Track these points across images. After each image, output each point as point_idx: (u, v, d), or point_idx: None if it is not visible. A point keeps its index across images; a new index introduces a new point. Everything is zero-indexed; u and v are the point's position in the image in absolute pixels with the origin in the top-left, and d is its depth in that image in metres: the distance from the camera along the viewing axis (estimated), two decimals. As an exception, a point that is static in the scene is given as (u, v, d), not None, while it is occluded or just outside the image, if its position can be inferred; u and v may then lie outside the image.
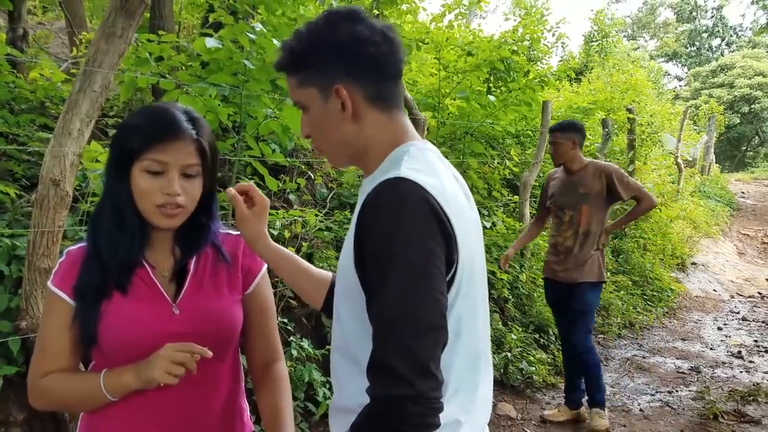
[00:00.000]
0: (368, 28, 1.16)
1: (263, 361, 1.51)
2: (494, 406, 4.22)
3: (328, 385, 3.45)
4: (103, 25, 2.30)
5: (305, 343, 3.49)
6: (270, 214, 3.70)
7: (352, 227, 1.14)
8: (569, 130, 4.10)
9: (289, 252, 1.49)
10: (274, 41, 3.04)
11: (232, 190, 1.42)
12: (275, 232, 3.64)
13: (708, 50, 39.39)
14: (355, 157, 1.25)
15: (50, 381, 1.31)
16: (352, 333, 1.17)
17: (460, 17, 7.68)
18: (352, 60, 1.16)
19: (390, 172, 1.11)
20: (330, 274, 1.50)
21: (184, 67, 3.79)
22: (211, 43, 3.07)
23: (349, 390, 1.17)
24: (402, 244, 1.03)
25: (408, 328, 1.01)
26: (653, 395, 4.98)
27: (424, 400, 0.99)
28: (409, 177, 1.08)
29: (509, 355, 4.79)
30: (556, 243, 4.20)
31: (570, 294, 4.09)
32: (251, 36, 3.03)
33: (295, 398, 3.29)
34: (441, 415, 1.03)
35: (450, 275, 1.10)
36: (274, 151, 3.62)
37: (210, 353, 1.24)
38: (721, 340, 6.77)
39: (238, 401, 1.48)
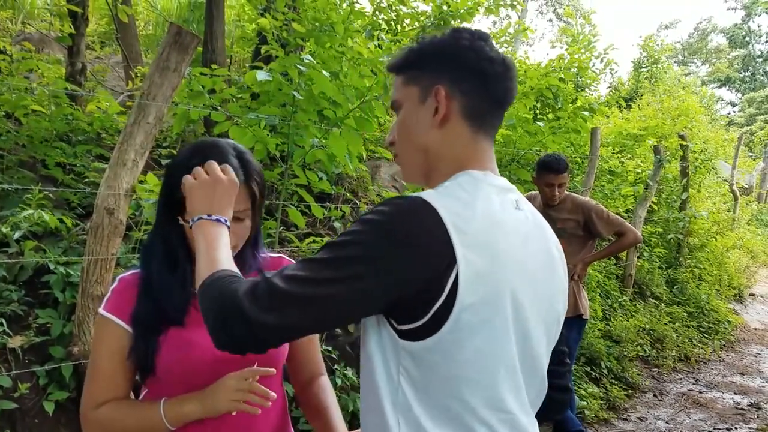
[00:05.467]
0: (491, 48, 1.16)
1: (308, 376, 1.55)
2: (543, 440, 4.09)
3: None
4: (157, 60, 2.37)
5: (349, 372, 3.47)
6: (315, 241, 3.73)
7: None
8: (568, 167, 3.79)
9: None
10: (324, 72, 3.09)
11: None
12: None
13: (763, 75, 38.22)
14: (426, 171, 1.19)
15: (107, 411, 1.30)
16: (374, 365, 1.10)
17: (505, 45, 7.67)
18: (463, 66, 1.14)
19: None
20: None
21: (234, 99, 3.87)
22: (261, 76, 3.15)
23: (367, 419, 1.13)
24: (365, 236, 0.99)
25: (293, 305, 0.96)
26: (711, 432, 4.77)
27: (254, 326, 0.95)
28: (426, 198, 1.03)
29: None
30: None
31: None
32: (301, 68, 3.09)
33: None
34: None
35: (434, 310, 1.00)
36: (320, 179, 3.65)
37: (273, 371, 1.30)
38: (784, 376, 6.46)
39: (286, 426, 1.50)
